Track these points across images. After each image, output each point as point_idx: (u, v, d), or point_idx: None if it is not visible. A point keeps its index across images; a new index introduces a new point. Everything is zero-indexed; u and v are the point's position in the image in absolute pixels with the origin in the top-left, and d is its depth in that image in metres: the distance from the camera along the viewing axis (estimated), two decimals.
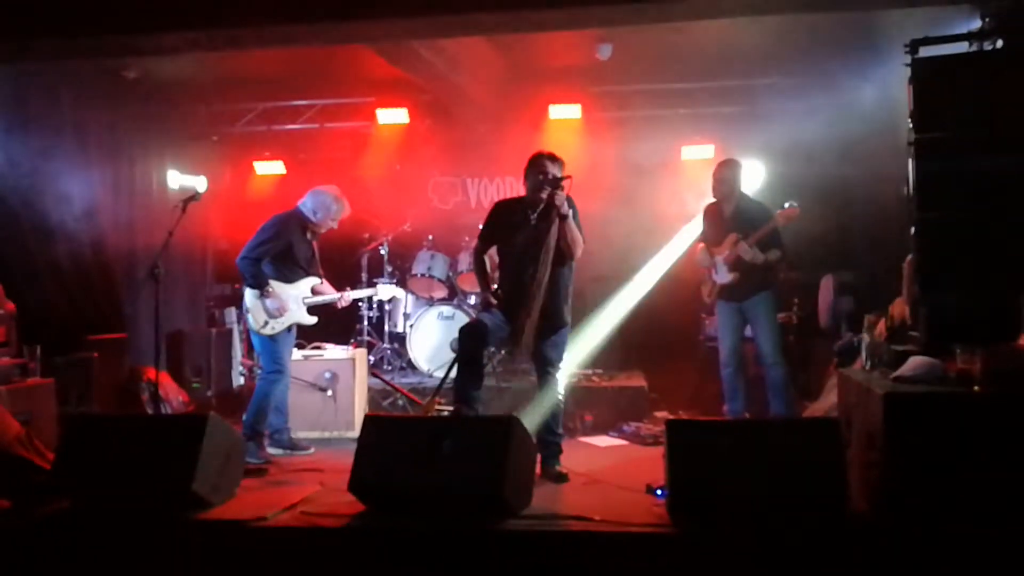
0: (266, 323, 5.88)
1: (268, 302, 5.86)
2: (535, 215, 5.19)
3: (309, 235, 6.13)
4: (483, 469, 4.03)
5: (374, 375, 7.32)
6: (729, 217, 6.42)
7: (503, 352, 7.26)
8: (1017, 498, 3.64)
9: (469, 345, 5.13)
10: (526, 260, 5.13)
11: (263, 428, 5.87)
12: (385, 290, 6.89)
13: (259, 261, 5.88)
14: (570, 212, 5.09)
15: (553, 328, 5.20)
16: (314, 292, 6.14)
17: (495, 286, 5.41)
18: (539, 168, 5.14)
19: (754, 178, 7.64)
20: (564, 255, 5.15)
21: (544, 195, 5.08)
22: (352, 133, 9.33)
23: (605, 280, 8.19)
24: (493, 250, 5.49)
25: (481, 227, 5.51)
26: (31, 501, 4.35)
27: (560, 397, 5.28)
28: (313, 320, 6.14)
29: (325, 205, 6.05)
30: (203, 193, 6.24)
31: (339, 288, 6.35)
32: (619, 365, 7.97)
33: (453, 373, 5.23)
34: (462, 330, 5.29)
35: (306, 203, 6.07)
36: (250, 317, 5.93)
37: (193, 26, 5.33)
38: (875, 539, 3.71)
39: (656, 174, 8.73)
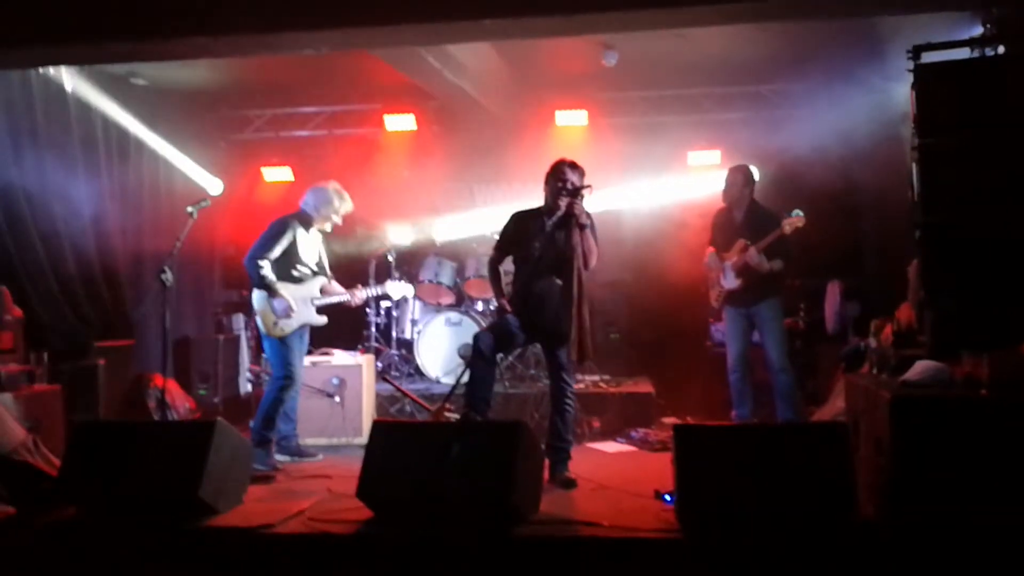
0: (276, 323, 5.87)
1: (275, 303, 5.86)
2: (551, 223, 5.20)
3: (315, 234, 6.13)
4: (491, 475, 4.02)
5: (385, 379, 7.31)
6: (739, 223, 6.41)
7: (510, 358, 7.28)
8: None
9: (490, 343, 5.11)
10: (541, 268, 5.15)
11: (271, 435, 5.86)
12: (395, 288, 6.70)
13: (264, 261, 5.88)
14: (589, 222, 5.10)
15: (566, 336, 5.18)
16: (323, 292, 6.14)
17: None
18: (560, 176, 5.14)
19: (759, 183, 7.63)
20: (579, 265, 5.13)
21: (563, 203, 5.08)
22: (360, 139, 9.37)
23: (614, 285, 8.22)
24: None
25: (497, 237, 5.52)
26: (37, 508, 4.35)
27: (570, 403, 5.28)
28: (323, 320, 6.12)
29: (326, 199, 6.05)
30: (216, 197, 6.22)
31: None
32: (627, 371, 7.98)
33: (464, 379, 5.21)
34: (484, 330, 5.31)
35: (308, 201, 6.07)
36: (259, 320, 5.93)
37: (199, 32, 5.35)
38: (882, 544, 3.70)
39: (662, 180, 8.74)
